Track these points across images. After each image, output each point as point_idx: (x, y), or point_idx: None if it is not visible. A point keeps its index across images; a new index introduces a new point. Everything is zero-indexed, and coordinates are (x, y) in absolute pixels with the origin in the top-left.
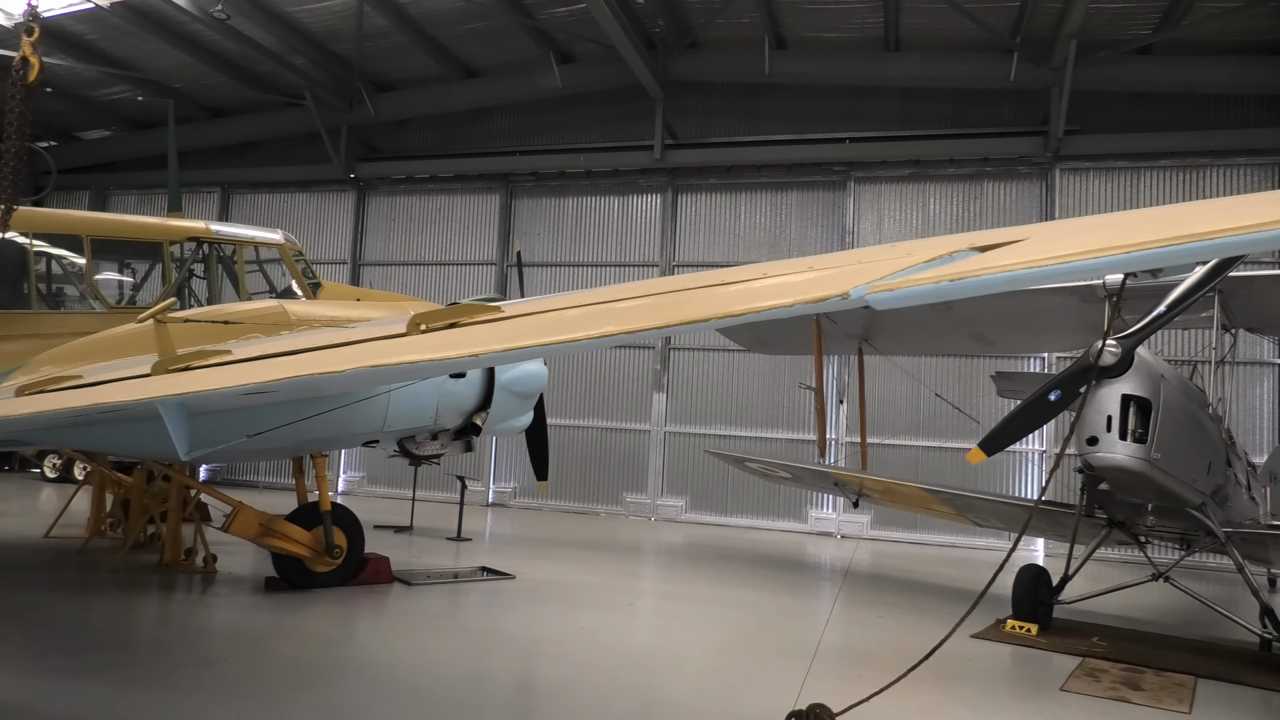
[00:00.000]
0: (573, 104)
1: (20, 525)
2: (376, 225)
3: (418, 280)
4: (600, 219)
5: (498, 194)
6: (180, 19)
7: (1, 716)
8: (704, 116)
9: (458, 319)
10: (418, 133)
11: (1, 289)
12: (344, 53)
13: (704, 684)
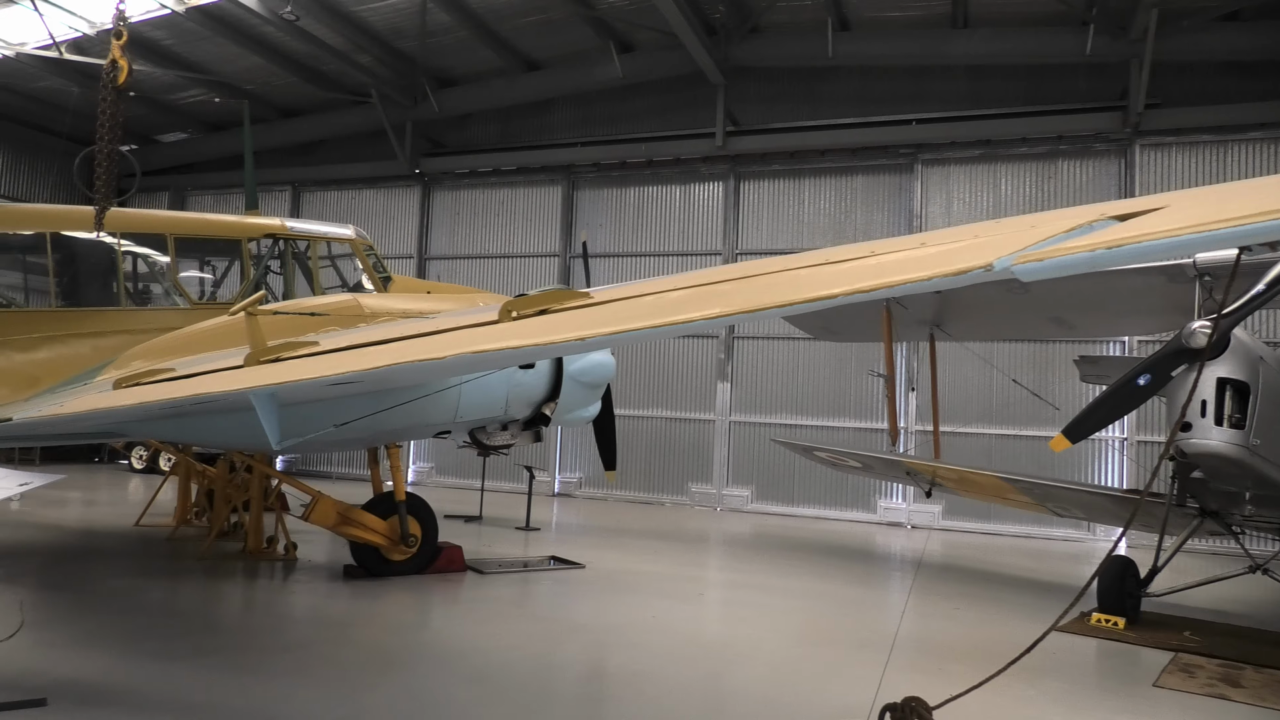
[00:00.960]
0: (633, 93)
1: (111, 514)
2: (441, 219)
3: (482, 273)
4: (662, 208)
5: (559, 186)
6: (251, 21)
7: (104, 698)
8: (766, 102)
9: (549, 305)
10: (480, 127)
11: (93, 287)
12: (408, 50)
13: (781, 675)
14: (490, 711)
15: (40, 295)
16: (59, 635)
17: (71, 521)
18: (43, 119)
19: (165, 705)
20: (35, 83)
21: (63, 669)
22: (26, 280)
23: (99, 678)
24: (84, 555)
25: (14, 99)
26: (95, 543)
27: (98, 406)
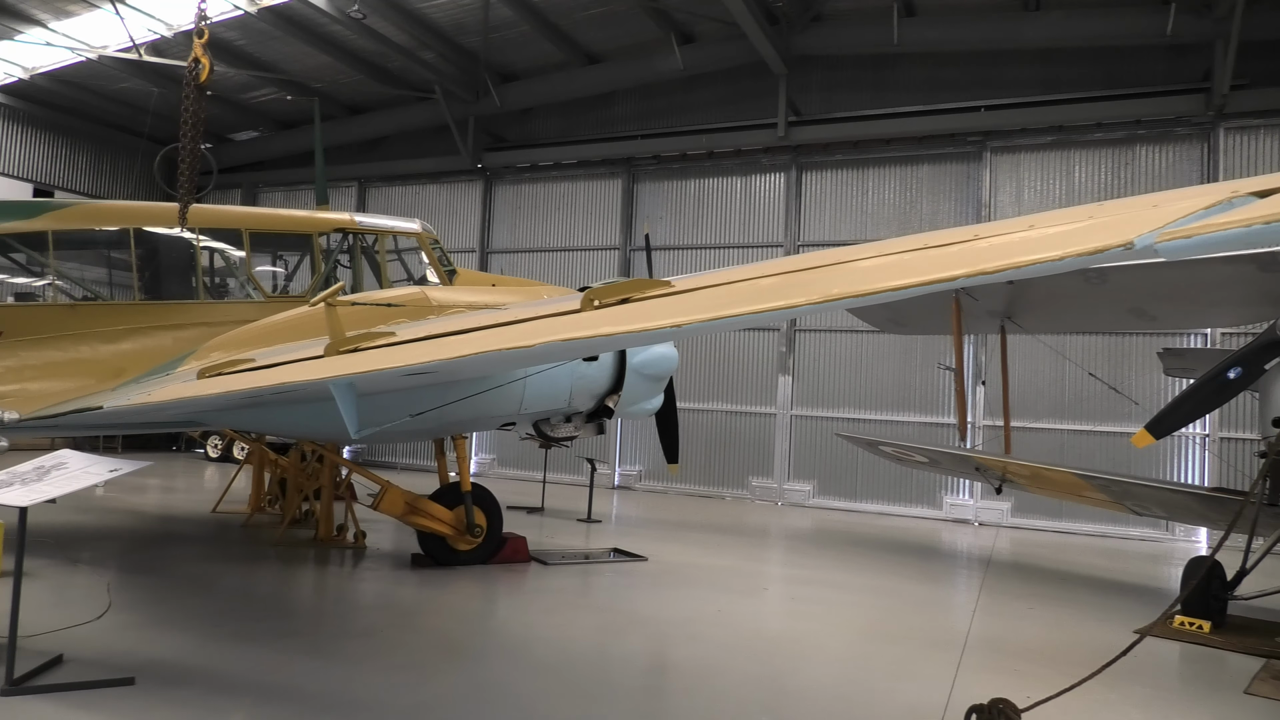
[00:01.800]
0: (693, 85)
1: (189, 501)
2: (503, 213)
3: (543, 266)
4: (723, 200)
5: (620, 178)
6: (320, 20)
7: (188, 678)
8: (828, 91)
9: (631, 294)
10: (541, 121)
11: (174, 281)
12: (471, 45)
13: (851, 672)
14: (556, 703)
15: (124, 289)
16: (144, 617)
17: (151, 507)
18: (124, 120)
19: (246, 686)
20: (116, 84)
21: (148, 649)
22: (111, 275)
23: (182, 658)
24: (164, 540)
25: (97, 100)
26: (174, 528)
27: (184, 395)
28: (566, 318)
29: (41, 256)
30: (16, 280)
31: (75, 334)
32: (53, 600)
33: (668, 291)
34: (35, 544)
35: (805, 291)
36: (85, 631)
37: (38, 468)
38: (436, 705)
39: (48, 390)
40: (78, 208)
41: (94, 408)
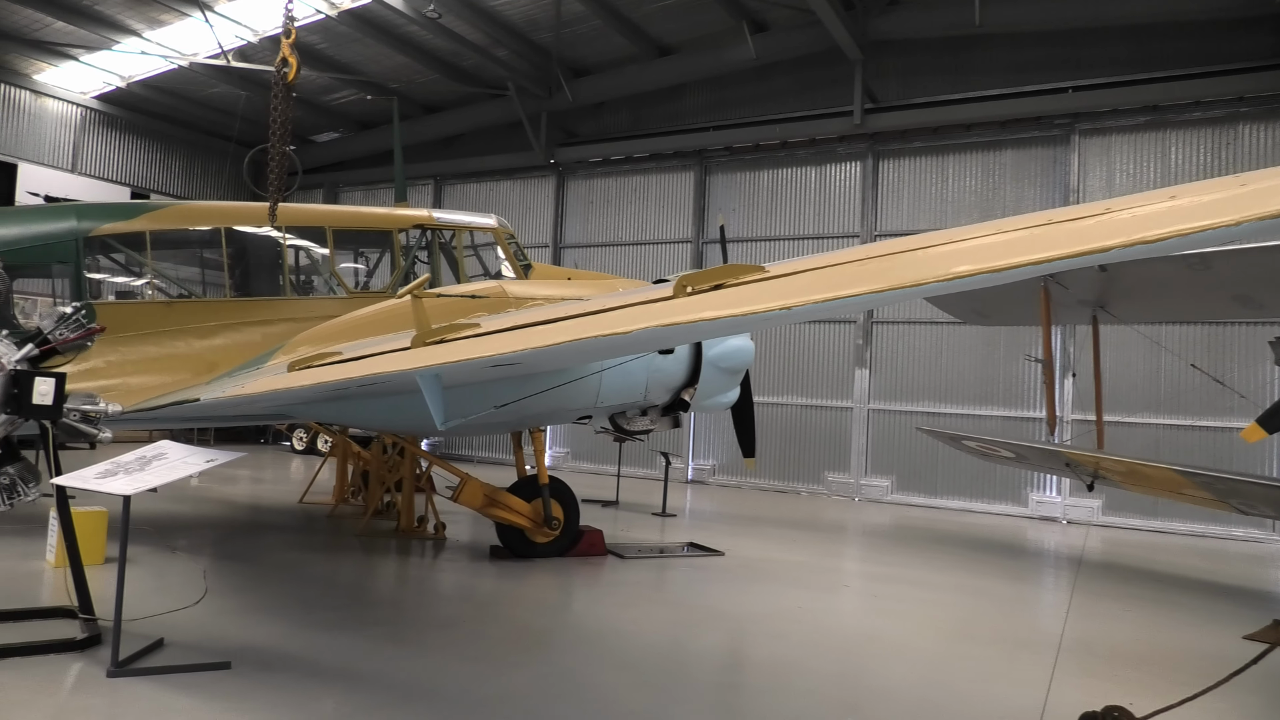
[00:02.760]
0: (766, 74)
1: (276, 492)
2: (575, 208)
3: (615, 260)
4: (796, 191)
5: (692, 171)
6: (397, 21)
7: (281, 664)
8: (906, 76)
9: (724, 280)
10: (612, 115)
11: (262, 278)
12: (543, 41)
13: (938, 673)
14: (634, 696)
15: (216, 287)
16: (238, 603)
17: (242, 497)
18: (213, 124)
19: (336, 673)
20: (206, 90)
21: (243, 635)
22: (204, 273)
23: (275, 644)
24: (254, 529)
25: (188, 106)
26: (263, 518)
27: (277, 387)
28: (661, 304)
29: (140, 256)
30: (117, 279)
31: (171, 330)
32: (153, 586)
33: (762, 276)
34: (135, 531)
35: (918, 271)
36: (184, 616)
37: (139, 458)
38: (518, 695)
39: (147, 384)
40: (173, 208)
41: (191, 400)
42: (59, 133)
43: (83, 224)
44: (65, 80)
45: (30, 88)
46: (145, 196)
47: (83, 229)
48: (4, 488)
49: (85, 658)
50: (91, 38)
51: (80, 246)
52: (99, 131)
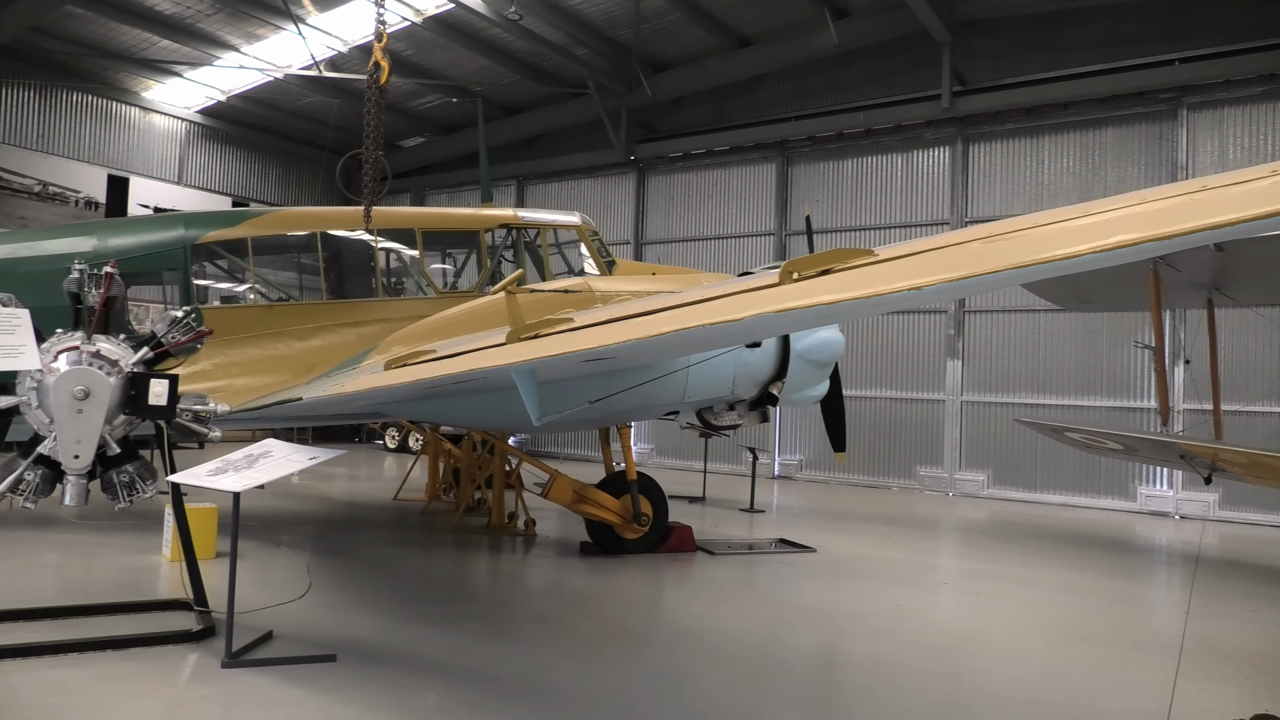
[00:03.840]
0: (848, 61)
1: (371, 489)
2: (656, 204)
3: (697, 255)
4: (882, 179)
5: (773, 162)
6: (479, 24)
7: (384, 657)
8: (996, 56)
9: (831, 265)
10: (692, 109)
11: (356, 280)
12: (622, 38)
13: (1050, 675)
14: (733, 693)
15: (312, 290)
16: (340, 597)
17: (338, 494)
18: (306, 133)
19: (437, 667)
20: (300, 101)
21: (346, 629)
22: (301, 277)
23: (377, 637)
24: (352, 525)
25: (282, 117)
26: (360, 514)
27: (375, 385)
28: (770, 291)
29: (242, 261)
30: (221, 284)
31: (271, 333)
32: (260, 580)
33: (873, 260)
34: (242, 527)
35: (1044, 247)
36: (290, 610)
37: (247, 456)
38: (618, 692)
39: (251, 385)
40: (272, 215)
41: (294, 399)
42: (166, 147)
43: (190, 232)
44: (171, 96)
45: (139, 104)
46: (245, 205)
47: (190, 236)
48: (124, 485)
49: (200, 649)
50: (194, 54)
51: (188, 253)
52: (202, 144)
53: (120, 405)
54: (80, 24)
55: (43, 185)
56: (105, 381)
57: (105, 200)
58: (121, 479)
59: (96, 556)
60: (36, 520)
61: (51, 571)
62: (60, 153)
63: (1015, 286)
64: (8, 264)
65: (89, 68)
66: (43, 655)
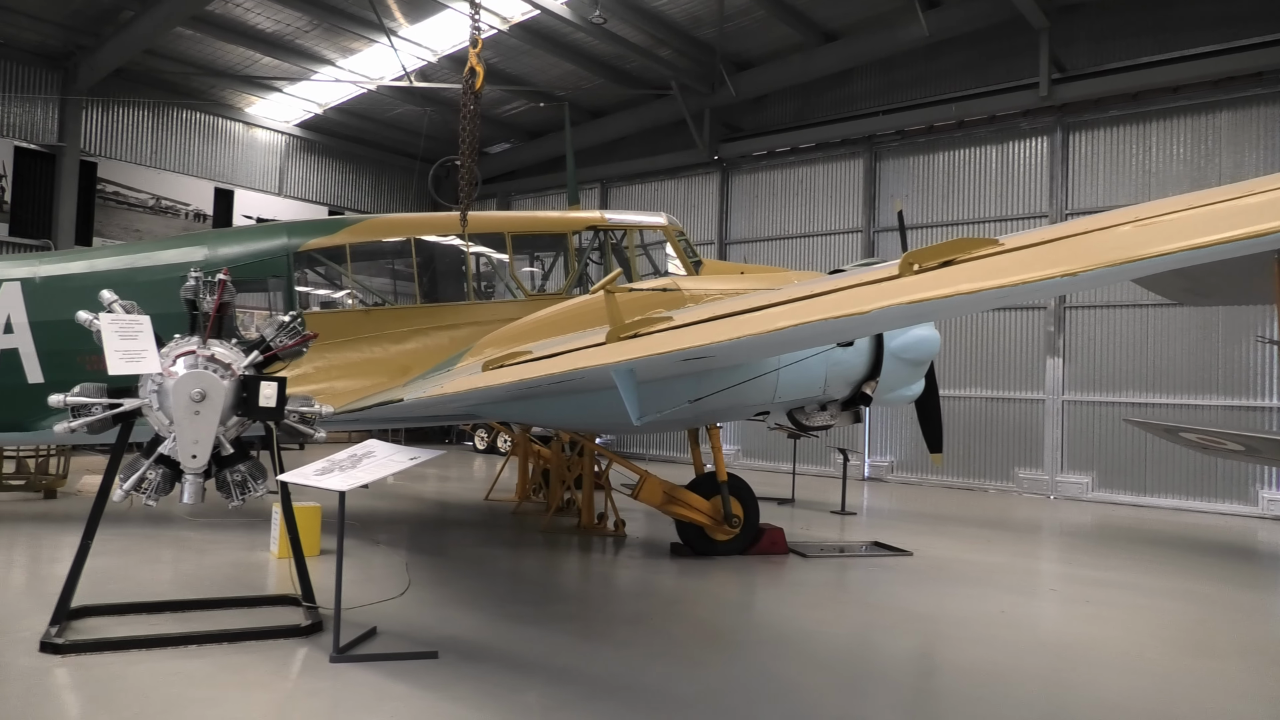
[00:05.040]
0: (939, 52)
1: (462, 489)
2: (740, 203)
3: (782, 254)
4: (975, 172)
5: (861, 158)
6: (564, 30)
7: (483, 655)
8: (1098, 41)
9: (954, 255)
10: (776, 106)
11: (448, 284)
12: (705, 38)
13: (1176, 687)
14: (839, 700)
15: (407, 294)
16: (438, 595)
17: (431, 494)
18: (397, 143)
19: (535, 666)
20: (391, 111)
21: (446, 626)
22: (395, 282)
23: (475, 635)
24: (445, 524)
25: (374, 127)
26: (452, 514)
27: (476, 386)
28: (892, 283)
29: (340, 267)
30: (320, 290)
31: (368, 336)
32: (361, 577)
33: (997, 250)
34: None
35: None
36: (391, 607)
37: (351, 456)
38: (717, 695)
39: (349, 387)
40: (368, 222)
41: (395, 400)
42: (267, 160)
43: (292, 240)
44: (271, 111)
45: (243, 120)
46: (340, 213)
47: (292, 245)
48: (237, 484)
49: (309, 643)
50: (293, 70)
51: (290, 261)
52: (300, 156)
53: (233, 407)
54: (189, 45)
55: (156, 199)
56: (220, 384)
57: (212, 212)
58: (235, 478)
59: (208, 552)
60: (152, 518)
61: (168, 566)
62: (171, 168)
63: (1123, 281)
64: (127, 273)
65: (197, 86)
66: (165, 647)
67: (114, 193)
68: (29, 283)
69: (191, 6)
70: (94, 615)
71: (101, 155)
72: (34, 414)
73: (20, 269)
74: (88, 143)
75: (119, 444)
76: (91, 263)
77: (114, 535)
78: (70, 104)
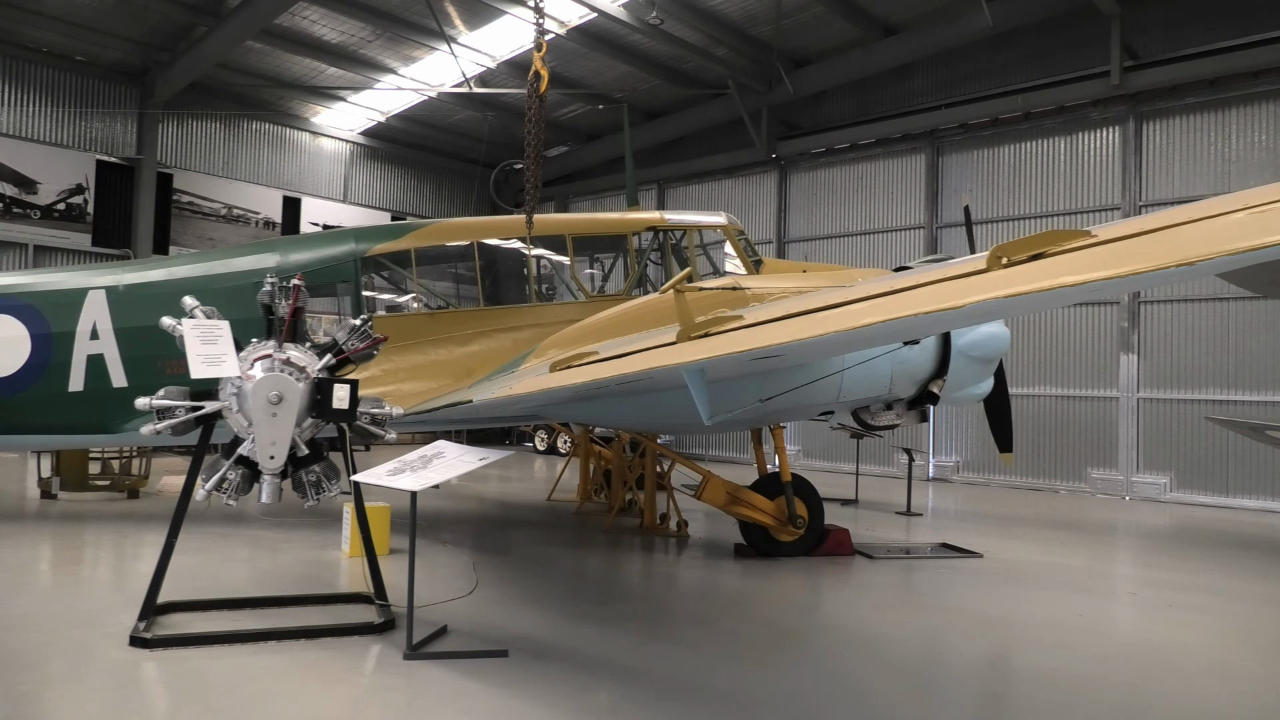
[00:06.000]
0: (1003, 43)
1: (524, 490)
2: (798, 201)
3: (842, 251)
4: (1043, 164)
5: (923, 153)
6: (621, 32)
7: (553, 654)
8: (1171, 27)
9: (1044, 248)
10: (835, 103)
11: (510, 287)
12: (762, 35)
13: (1270, 697)
14: (914, 705)
15: (470, 297)
16: (505, 594)
17: (493, 494)
18: (458, 148)
19: (604, 665)
20: (451, 117)
21: (514, 625)
22: (459, 286)
23: (543, 635)
24: (508, 524)
25: (435, 133)
26: (515, 514)
27: (548, 386)
28: (982, 278)
29: (406, 271)
30: (387, 294)
31: (433, 339)
32: (430, 576)
33: (1092, 241)
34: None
35: None
36: (460, 606)
37: (421, 457)
38: (790, 697)
39: (415, 390)
40: (432, 227)
41: (464, 401)
42: (332, 168)
43: (360, 245)
44: (336, 120)
45: (309, 129)
46: (402, 219)
47: (360, 250)
48: (312, 484)
49: (382, 640)
50: (357, 79)
51: (358, 265)
52: (363, 163)
53: (308, 409)
54: (259, 58)
55: (228, 208)
56: (296, 387)
57: (280, 219)
58: (310, 478)
59: (281, 551)
60: (228, 517)
61: (244, 564)
62: (242, 177)
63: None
64: (204, 280)
65: (266, 98)
66: (246, 642)
67: (188, 202)
68: (113, 291)
69: (261, 20)
70: (178, 611)
71: (177, 166)
72: (119, 417)
73: (105, 278)
74: (164, 155)
75: (200, 445)
76: (170, 270)
77: (193, 534)
78: (147, 118)
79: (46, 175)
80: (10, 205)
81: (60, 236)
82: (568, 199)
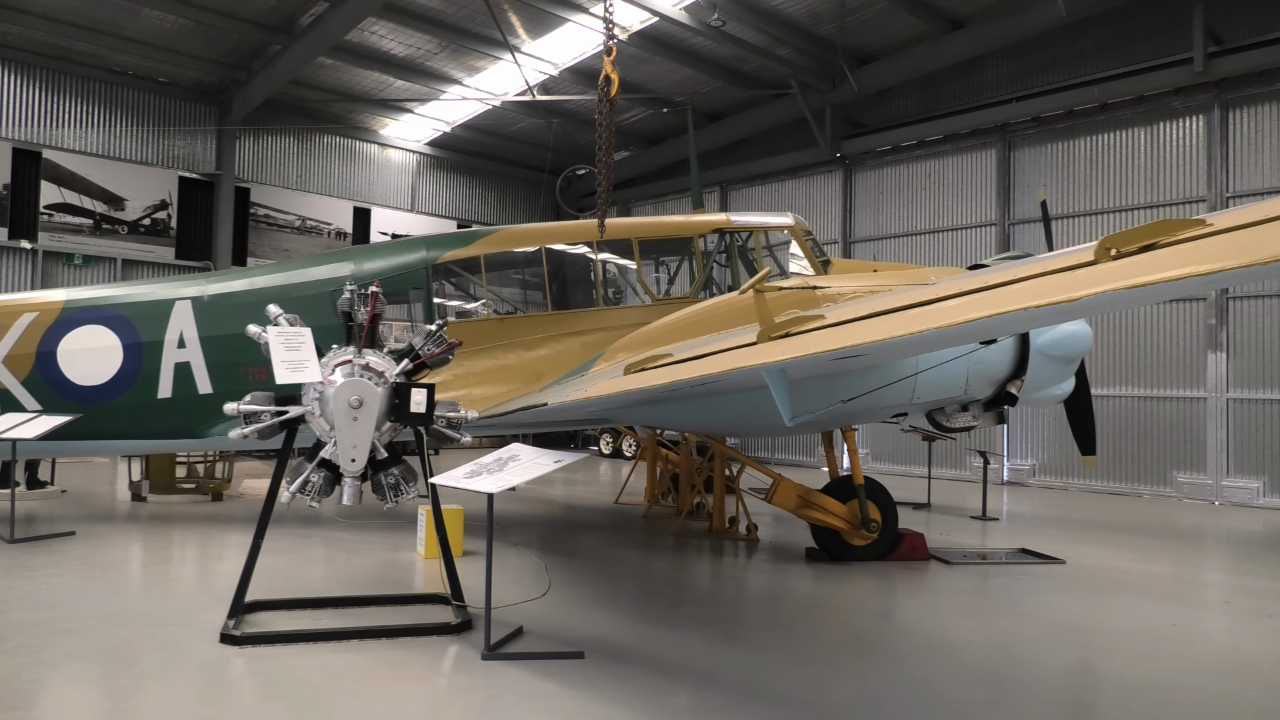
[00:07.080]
0: (1076, 32)
1: (590, 493)
2: (864, 200)
3: (910, 250)
4: (1121, 156)
5: (993, 148)
6: (682, 35)
7: (628, 656)
8: (1261, 9)
9: (1156, 239)
10: (900, 100)
11: (578, 291)
12: (825, 33)
13: None
14: (1008, 716)
15: (538, 302)
16: (578, 596)
17: (560, 498)
18: (521, 156)
19: (680, 669)
20: (514, 125)
21: (588, 627)
22: (527, 290)
23: (617, 637)
24: (577, 527)
25: (499, 142)
26: (583, 517)
27: (625, 389)
28: (1091, 270)
29: (475, 278)
30: (457, 300)
31: (503, 344)
32: (503, 578)
33: (1207, 231)
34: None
35: None
36: (534, 607)
37: (497, 459)
38: (870, 703)
39: (486, 394)
40: (500, 233)
41: (539, 405)
42: (400, 178)
43: (431, 253)
44: (404, 131)
45: (378, 141)
46: (468, 226)
47: (431, 257)
48: (390, 487)
49: (460, 640)
50: (424, 91)
51: (429, 273)
52: (430, 173)
53: (387, 413)
54: (330, 73)
55: (301, 220)
56: (375, 391)
57: (351, 229)
58: (389, 481)
59: (357, 552)
60: (306, 519)
61: (321, 565)
62: (314, 190)
63: None
64: (283, 289)
65: (336, 112)
66: (329, 640)
67: (264, 215)
68: (198, 301)
69: (332, 37)
70: (264, 610)
71: (253, 181)
72: (205, 422)
73: (190, 288)
74: (241, 170)
75: (285, 449)
76: (251, 281)
77: (274, 536)
78: (226, 135)
79: (133, 192)
80: (100, 221)
81: (146, 250)
82: (630, 203)
